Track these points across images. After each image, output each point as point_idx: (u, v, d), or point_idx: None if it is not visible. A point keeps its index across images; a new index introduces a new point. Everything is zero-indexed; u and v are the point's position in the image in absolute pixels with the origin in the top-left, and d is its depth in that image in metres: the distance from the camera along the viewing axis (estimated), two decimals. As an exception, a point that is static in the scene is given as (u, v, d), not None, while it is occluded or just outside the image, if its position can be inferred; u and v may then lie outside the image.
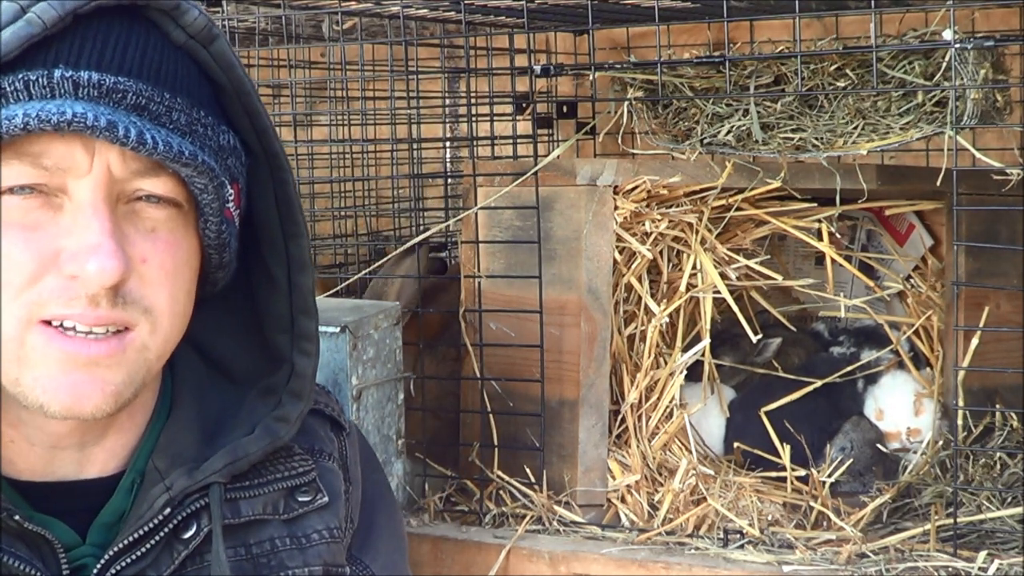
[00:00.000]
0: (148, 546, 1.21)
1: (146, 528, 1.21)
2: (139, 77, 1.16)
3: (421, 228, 2.89)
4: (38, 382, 1.15)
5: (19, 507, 1.17)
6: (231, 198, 1.25)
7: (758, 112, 2.12)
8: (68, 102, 1.11)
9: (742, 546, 1.88)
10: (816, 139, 2.07)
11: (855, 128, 2.06)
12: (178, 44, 1.21)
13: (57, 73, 1.12)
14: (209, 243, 1.25)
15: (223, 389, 1.34)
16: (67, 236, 1.14)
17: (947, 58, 1.94)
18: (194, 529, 1.23)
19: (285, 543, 1.29)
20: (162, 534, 1.22)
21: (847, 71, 2.11)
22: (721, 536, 1.90)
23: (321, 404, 1.41)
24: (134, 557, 1.20)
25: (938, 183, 1.89)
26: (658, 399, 2.09)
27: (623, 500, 2.01)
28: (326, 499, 1.33)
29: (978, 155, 1.88)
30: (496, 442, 2.05)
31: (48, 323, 1.14)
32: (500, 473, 2.04)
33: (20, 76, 1.12)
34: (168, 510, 1.22)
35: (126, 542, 1.20)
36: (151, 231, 1.19)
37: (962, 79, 1.88)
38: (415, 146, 2.79)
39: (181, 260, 1.21)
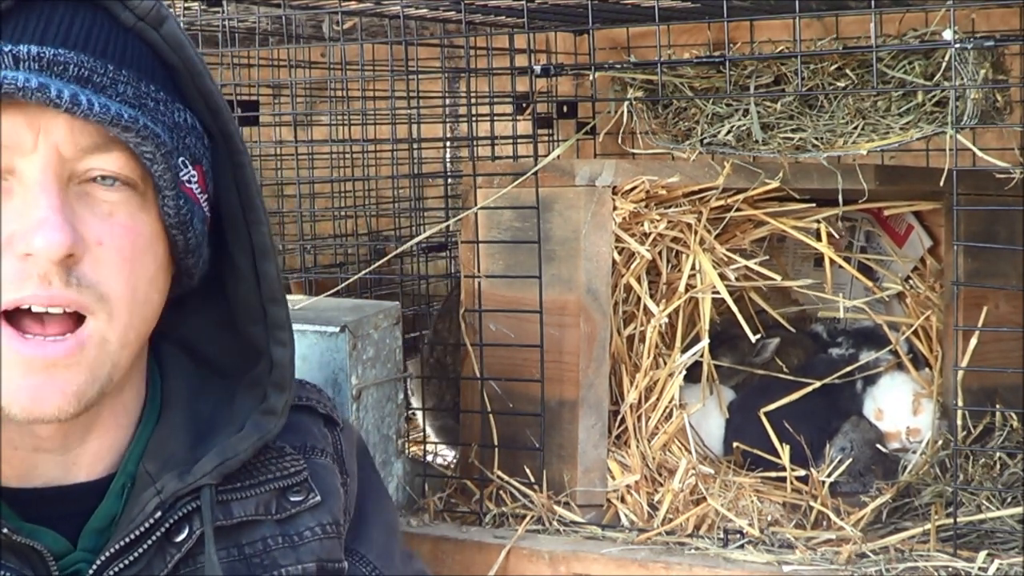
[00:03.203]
0: (141, 550, 1.20)
1: (138, 532, 1.20)
2: (83, 51, 1.16)
3: (421, 228, 2.90)
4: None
5: (7, 517, 1.17)
6: (194, 179, 1.24)
7: (758, 112, 2.12)
8: (4, 71, 1.11)
9: (742, 546, 1.88)
10: (816, 139, 2.07)
11: (855, 128, 2.06)
12: (127, 26, 1.20)
13: None
14: (170, 222, 1.22)
15: (214, 386, 1.33)
16: (17, 219, 1.13)
17: (947, 58, 1.94)
18: (186, 532, 1.23)
19: (277, 542, 1.29)
20: (154, 538, 1.21)
21: (847, 71, 2.11)
22: (721, 536, 1.90)
23: (313, 401, 1.41)
24: (127, 562, 1.19)
25: (940, 183, 1.89)
26: (657, 399, 2.09)
27: (623, 500, 2.01)
28: (318, 498, 1.33)
29: (981, 155, 1.88)
30: (496, 442, 2.05)
31: (8, 319, 1.13)
32: (500, 473, 2.04)
33: None
34: (159, 513, 1.21)
35: (118, 547, 1.19)
36: (108, 215, 1.17)
37: (962, 79, 1.88)
38: (415, 146, 2.79)
39: (141, 246, 1.20)
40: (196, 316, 1.34)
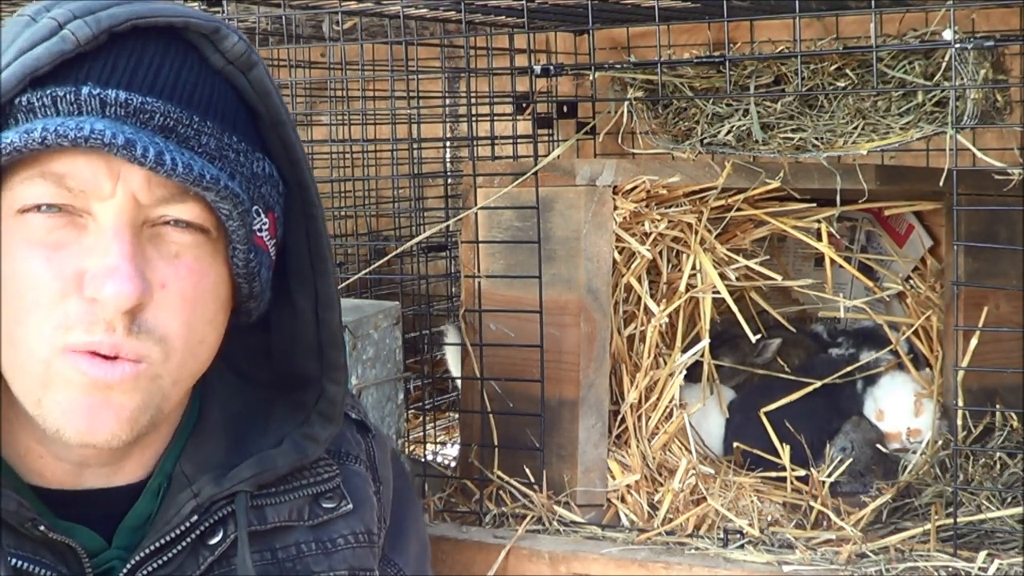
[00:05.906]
0: (174, 551, 1.21)
1: (173, 534, 1.21)
2: (170, 99, 1.15)
3: (421, 228, 2.90)
4: (59, 406, 1.14)
5: (44, 516, 1.17)
6: (265, 227, 1.24)
7: (758, 112, 2.12)
8: (91, 119, 1.10)
9: (742, 546, 1.88)
10: (816, 139, 2.07)
11: (855, 128, 2.06)
12: (216, 69, 1.20)
13: (85, 90, 1.12)
14: (238, 271, 1.23)
15: (246, 394, 1.34)
16: (90, 256, 1.13)
17: (947, 58, 1.95)
18: (220, 535, 1.24)
19: (311, 548, 1.29)
20: (189, 540, 1.22)
21: (847, 71, 2.11)
22: (721, 536, 1.90)
23: (347, 407, 1.40)
24: (161, 562, 1.20)
25: (940, 183, 1.89)
26: (658, 399, 2.09)
27: (623, 500, 2.01)
28: (350, 506, 1.33)
29: (981, 155, 1.88)
30: (496, 442, 2.05)
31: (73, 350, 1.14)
32: (500, 473, 2.04)
33: (48, 92, 1.12)
34: (195, 516, 1.22)
35: (153, 547, 1.20)
36: (175, 256, 1.17)
37: (962, 79, 1.88)
38: (415, 146, 2.79)
39: (204, 288, 1.19)
40: (235, 340, 1.32)
